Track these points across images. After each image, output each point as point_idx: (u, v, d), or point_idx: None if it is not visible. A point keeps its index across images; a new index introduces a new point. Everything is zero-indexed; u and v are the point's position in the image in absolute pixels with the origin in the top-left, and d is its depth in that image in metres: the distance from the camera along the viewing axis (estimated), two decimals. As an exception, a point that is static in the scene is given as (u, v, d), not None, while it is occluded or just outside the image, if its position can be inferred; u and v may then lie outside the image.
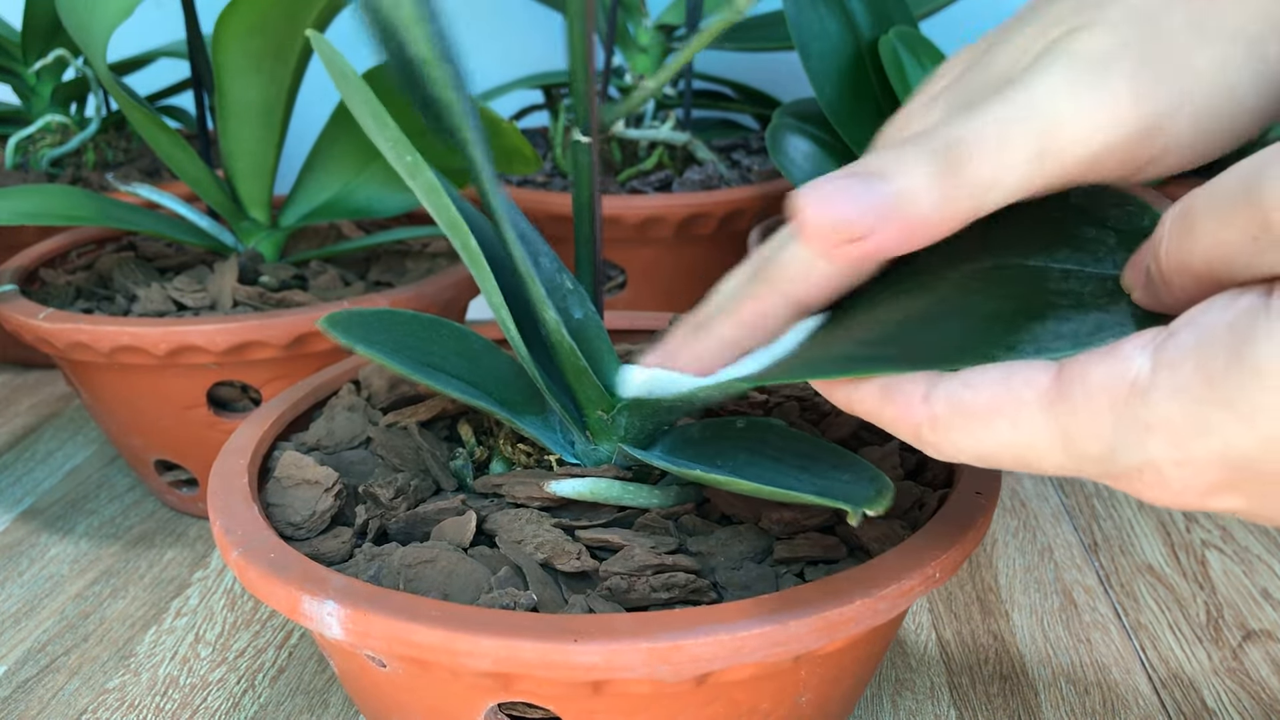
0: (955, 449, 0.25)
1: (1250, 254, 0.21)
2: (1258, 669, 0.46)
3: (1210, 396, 0.21)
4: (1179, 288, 0.24)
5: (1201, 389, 0.21)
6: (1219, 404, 0.21)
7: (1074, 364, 0.23)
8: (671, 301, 0.75)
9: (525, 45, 0.97)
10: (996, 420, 0.24)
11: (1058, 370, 0.24)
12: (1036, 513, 0.58)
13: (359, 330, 0.39)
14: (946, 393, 0.25)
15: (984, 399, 0.24)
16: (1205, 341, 0.21)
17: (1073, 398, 0.23)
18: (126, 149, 0.86)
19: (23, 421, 0.72)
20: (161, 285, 0.60)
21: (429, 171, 0.32)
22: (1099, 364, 0.23)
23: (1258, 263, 0.21)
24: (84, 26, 0.55)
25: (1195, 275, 0.23)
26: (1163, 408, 0.22)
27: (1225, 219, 0.22)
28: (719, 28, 0.36)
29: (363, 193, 0.64)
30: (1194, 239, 0.23)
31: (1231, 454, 0.21)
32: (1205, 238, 0.22)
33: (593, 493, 0.37)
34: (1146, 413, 0.22)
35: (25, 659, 0.49)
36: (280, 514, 0.39)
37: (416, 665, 0.32)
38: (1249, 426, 0.21)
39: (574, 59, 0.37)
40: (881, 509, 0.30)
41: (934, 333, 0.27)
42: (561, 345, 0.36)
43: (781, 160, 0.64)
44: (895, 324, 0.29)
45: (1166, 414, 0.22)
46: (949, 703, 0.45)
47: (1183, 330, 0.22)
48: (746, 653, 0.30)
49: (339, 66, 0.32)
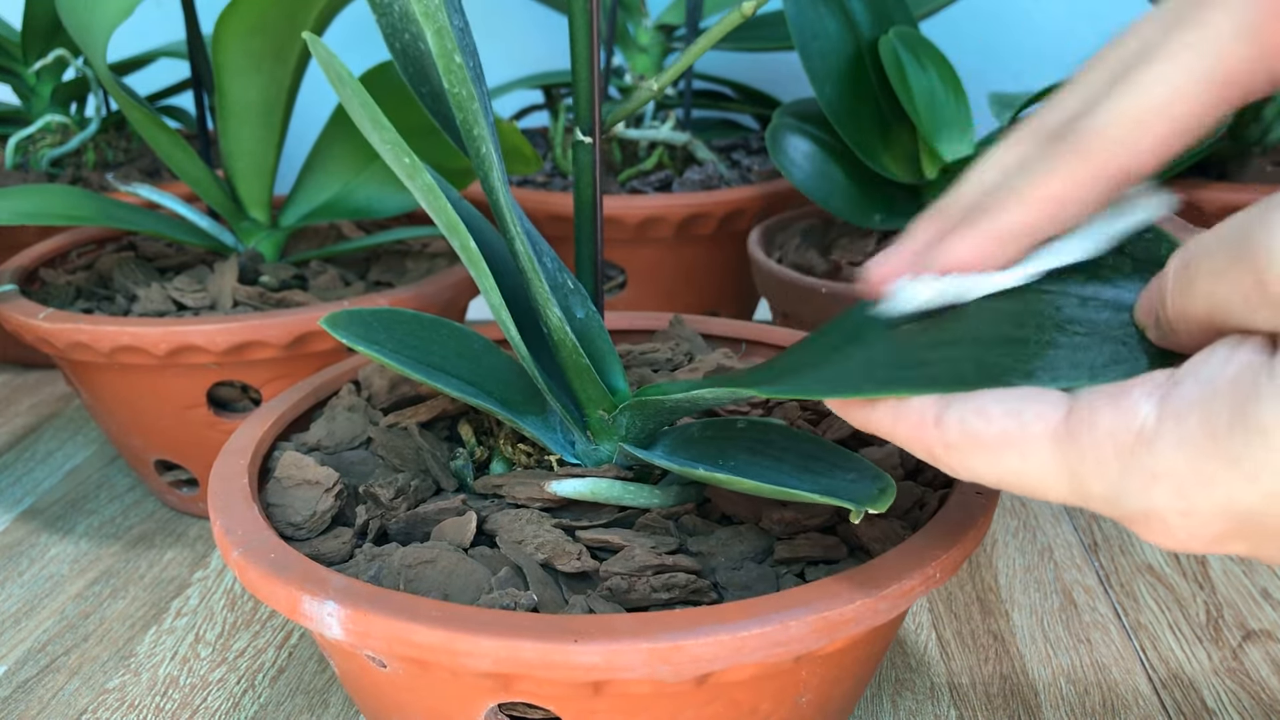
0: (968, 471, 0.26)
1: (1244, 311, 0.22)
2: (1258, 669, 0.46)
3: (1214, 451, 0.21)
4: (1185, 333, 0.24)
5: (1206, 443, 0.21)
6: (1223, 459, 0.21)
7: (1083, 406, 0.24)
8: (671, 301, 0.75)
9: (525, 45, 0.97)
10: (1007, 451, 0.24)
11: (1068, 409, 0.24)
12: (1036, 513, 0.58)
13: (360, 330, 0.39)
14: (959, 417, 0.25)
15: (995, 430, 0.25)
16: (1208, 396, 0.22)
17: (1080, 441, 0.23)
18: (126, 149, 0.86)
19: (23, 421, 0.72)
20: (161, 285, 0.60)
21: (427, 173, 0.32)
22: (1107, 409, 0.23)
23: (1252, 319, 0.22)
24: (84, 26, 0.55)
25: (1199, 323, 0.23)
26: (1167, 458, 0.22)
27: (1220, 276, 0.22)
28: (724, 29, 0.36)
29: (363, 193, 0.64)
30: (1193, 291, 0.23)
31: (1235, 507, 0.21)
32: (1203, 290, 0.23)
33: (593, 493, 0.37)
34: (1152, 462, 0.22)
35: (25, 659, 0.49)
36: (280, 514, 0.39)
37: (417, 665, 0.32)
38: (1252, 483, 0.21)
39: (576, 59, 0.37)
40: (883, 507, 0.30)
41: (950, 354, 0.27)
42: (564, 344, 0.36)
43: (781, 160, 0.64)
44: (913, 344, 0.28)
45: (1171, 465, 0.22)
46: (949, 703, 0.45)
47: (1187, 380, 0.22)
48: (747, 653, 0.30)
49: (336, 69, 0.32)
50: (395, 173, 0.34)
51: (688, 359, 0.48)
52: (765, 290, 0.64)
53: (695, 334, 0.50)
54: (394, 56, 0.39)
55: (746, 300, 0.79)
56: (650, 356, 0.48)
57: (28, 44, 0.80)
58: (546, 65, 0.96)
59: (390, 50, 0.39)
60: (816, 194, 0.64)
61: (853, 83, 0.64)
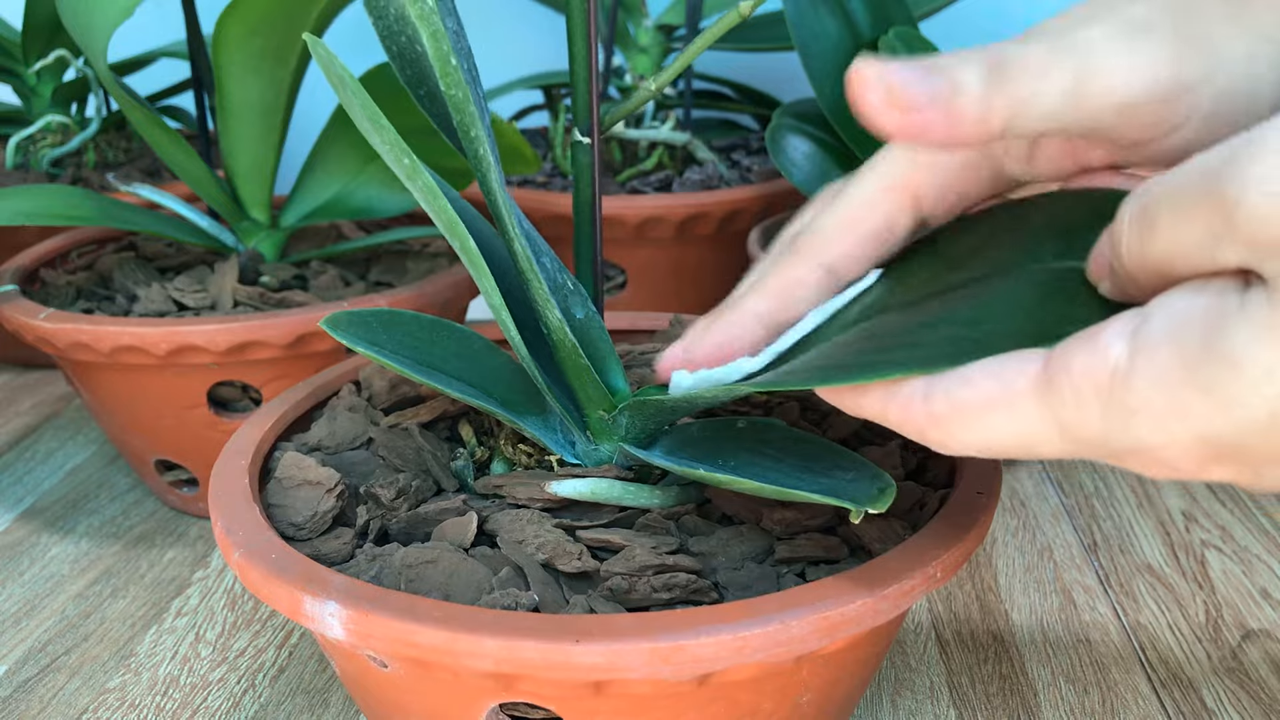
0: (960, 443, 0.26)
1: (1211, 249, 0.22)
2: (1257, 669, 0.46)
3: (1187, 381, 0.22)
4: (1144, 280, 0.24)
5: (1178, 375, 0.22)
6: (1196, 389, 0.22)
7: (1058, 354, 0.24)
8: (671, 302, 0.75)
9: (525, 45, 0.97)
10: (994, 413, 0.25)
11: (1045, 359, 0.24)
12: (1036, 513, 0.58)
13: (360, 331, 0.39)
14: (944, 390, 0.26)
15: (980, 394, 0.25)
16: (1178, 328, 0.22)
17: (1061, 388, 0.24)
18: (127, 149, 0.86)
19: (23, 421, 0.72)
20: (162, 285, 0.60)
21: (427, 173, 0.32)
22: (1080, 352, 0.23)
23: (1221, 257, 0.22)
24: (84, 27, 0.55)
25: (1158, 268, 0.24)
26: (1143, 393, 0.22)
27: (1184, 215, 0.22)
28: (722, 29, 0.36)
29: (363, 193, 0.64)
30: (1155, 234, 0.23)
31: (1212, 436, 0.22)
32: (1165, 233, 0.23)
33: (594, 493, 0.37)
34: (1129, 398, 0.23)
35: (26, 659, 0.49)
36: (281, 514, 0.39)
37: (418, 666, 0.32)
38: (1225, 411, 0.21)
39: (574, 59, 0.37)
40: (884, 507, 0.30)
41: (935, 334, 0.28)
42: (564, 344, 0.37)
43: (781, 160, 0.64)
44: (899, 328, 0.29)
45: (1147, 399, 0.22)
46: (949, 703, 0.45)
47: (1156, 316, 0.23)
48: (748, 653, 0.30)
49: (336, 70, 0.32)
50: (395, 173, 0.34)
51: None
52: (765, 290, 0.63)
53: (695, 334, 0.50)
54: (390, 59, 0.39)
55: (746, 300, 0.79)
56: (650, 357, 0.48)
57: (28, 44, 0.80)
58: (546, 65, 0.96)
59: (387, 53, 0.39)
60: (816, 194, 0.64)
61: (853, 83, 0.64)
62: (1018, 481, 0.62)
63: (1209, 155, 0.22)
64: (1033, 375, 0.24)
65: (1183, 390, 0.22)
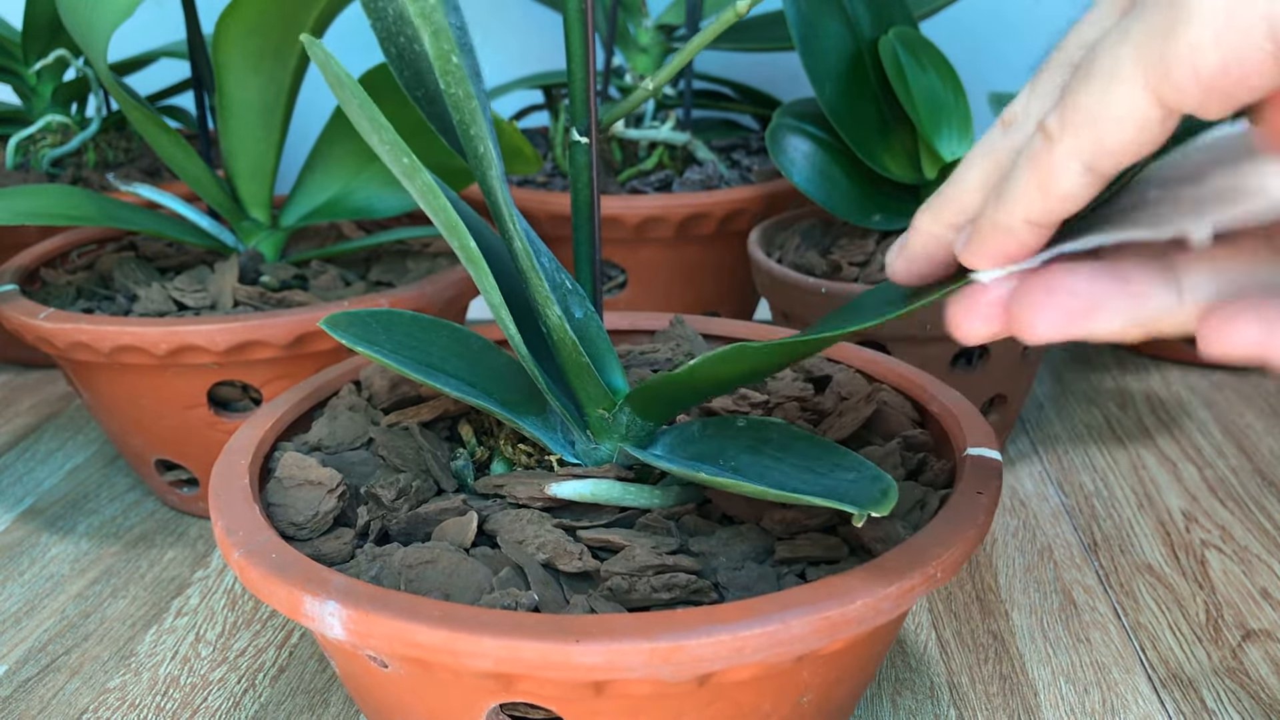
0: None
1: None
2: (1257, 669, 0.46)
3: None
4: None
5: None
6: None
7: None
8: (671, 301, 0.75)
9: (525, 45, 0.97)
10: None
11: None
12: (1036, 513, 0.58)
13: (359, 331, 0.39)
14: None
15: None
16: None
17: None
18: (127, 149, 0.86)
19: (23, 421, 0.72)
20: (162, 285, 0.60)
21: (426, 173, 0.32)
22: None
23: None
24: (84, 26, 0.55)
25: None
26: None
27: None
28: (719, 28, 0.36)
29: (363, 193, 0.64)
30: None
31: None
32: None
33: (594, 495, 0.37)
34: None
35: (26, 658, 0.49)
36: (282, 514, 0.39)
37: (418, 666, 0.32)
38: None
39: (572, 59, 0.37)
40: (886, 510, 0.30)
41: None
42: (564, 343, 0.36)
43: (781, 160, 0.64)
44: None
45: None
46: (949, 703, 0.45)
47: None
48: (748, 653, 0.30)
49: (334, 71, 0.32)
50: (394, 173, 0.34)
51: (688, 359, 0.48)
52: (765, 290, 0.64)
53: (696, 334, 0.50)
54: (389, 61, 0.39)
55: (746, 300, 0.79)
56: (650, 357, 0.48)
57: (28, 44, 0.80)
58: (546, 65, 0.96)
59: (385, 54, 0.39)
60: (816, 194, 0.64)
61: (853, 83, 0.64)
62: (1018, 481, 0.62)
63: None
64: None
65: None
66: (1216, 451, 0.64)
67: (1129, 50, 0.22)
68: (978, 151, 0.27)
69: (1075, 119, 0.23)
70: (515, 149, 0.57)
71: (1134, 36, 0.22)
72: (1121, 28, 0.22)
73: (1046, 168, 0.24)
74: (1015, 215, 0.25)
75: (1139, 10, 0.22)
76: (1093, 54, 0.23)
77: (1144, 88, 0.22)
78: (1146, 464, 0.63)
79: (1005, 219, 0.25)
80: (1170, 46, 0.21)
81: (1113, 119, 0.22)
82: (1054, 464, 0.63)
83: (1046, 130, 0.24)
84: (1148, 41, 0.21)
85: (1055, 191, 0.24)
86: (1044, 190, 0.24)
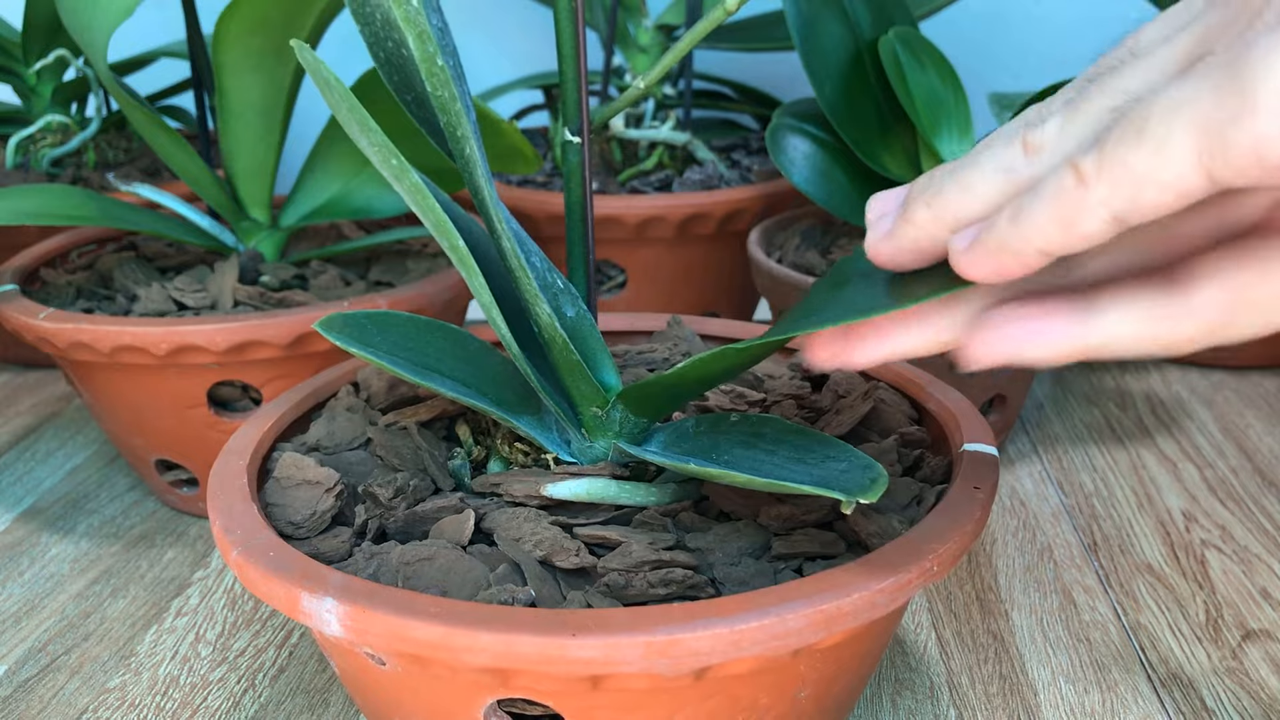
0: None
1: None
2: (1257, 669, 0.46)
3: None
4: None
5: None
6: None
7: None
8: (671, 301, 0.75)
9: (525, 45, 0.98)
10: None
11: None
12: (1036, 512, 0.58)
13: (355, 333, 0.39)
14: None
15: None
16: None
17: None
18: (127, 149, 0.86)
19: (23, 421, 0.72)
20: (162, 285, 0.60)
21: (414, 173, 0.33)
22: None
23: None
24: (84, 27, 0.55)
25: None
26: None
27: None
28: (708, 27, 0.36)
29: (363, 193, 0.64)
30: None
31: None
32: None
33: (589, 494, 0.37)
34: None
35: (26, 658, 0.49)
36: (280, 514, 0.39)
37: (415, 662, 0.32)
38: None
39: (563, 58, 0.38)
40: (874, 497, 0.30)
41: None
42: (555, 341, 0.37)
43: (781, 160, 0.64)
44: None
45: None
46: (949, 703, 0.45)
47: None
48: (745, 646, 0.30)
49: (322, 75, 0.32)
50: (383, 174, 0.34)
51: (685, 359, 0.48)
52: (765, 290, 0.64)
53: (693, 334, 0.50)
54: (378, 65, 0.39)
55: (746, 300, 0.79)
56: (647, 356, 0.48)
57: (28, 44, 0.80)
58: (546, 65, 0.96)
59: (374, 59, 0.39)
60: (816, 194, 0.64)
61: (853, 83, 0.64)
62: (1018, 481, 0.62)
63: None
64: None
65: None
66: (1216, 451, 0.64)
67: (1186, 125, 0.22)
68: (990, 163, 0.27)
69: (1116, 172, 0.23)
70: (515, 149, 0.57)
71: (1193, 114, 0.22)
72: (1176, 99, 0.22)
73: (1074, 207, 0.24)
74: (1031, 243, 0.25)
75: (1196, 82, 0.22)
76: (1144, 114, 0.23)
77: (1197, 164, 0.22)
78: (1146, 464, 0.63)
79: (1019, 244, 0.25)
80: (1233, 134, 0.21)
81: (1156, 183, 0.23)
82: (1054, 464, 0.63)
83: (1080, 172, 0.24)
84: (1208, 123, 0.22)
85: (1078, 231, 0.24)
86: (1066, 227, 0.24)
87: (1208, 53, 0.24)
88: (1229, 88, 0.22)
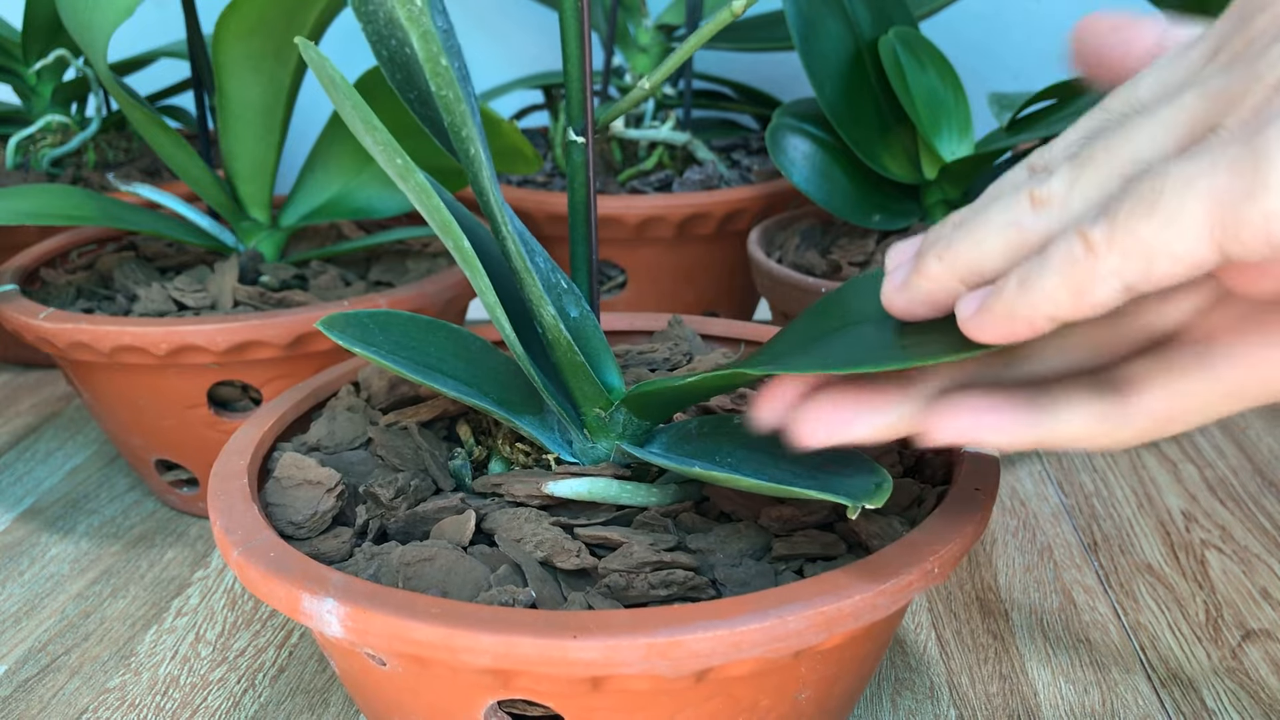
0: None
1: None
2: (1257, 669, 0.46)
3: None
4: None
5: None
6: None
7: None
8: (671, 301, 0.75)
9: (525, 45, 0.98)
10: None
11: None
12: (1036, 512, 0.58)
13: (356, 332, 0.39)
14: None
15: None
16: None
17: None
18: (127, 149, 0.86)
19: (23, 421, 0.72)
20: (162, 285, 0.60)
21: (420, 173, 0.33)
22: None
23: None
24: (84, 26, 0.55)
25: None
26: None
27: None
28: (715, 27, 0.36)
29: (363, 193, 0.64)
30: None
31: None
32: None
33: (591, 493, 0.37)
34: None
35: (26, 658, 0.49)
36: (281, 514, 0.39)
37: (416, 663, 0.32)
38: None
39: (568, 59, 0.37)
40: (879, 503, 0.30)
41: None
42: (559, 342, 0.37)
43: (781, 160, 0.64)
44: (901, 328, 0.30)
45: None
46: (949, 703, 0.45)
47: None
48: (745, 648, 0.30)
49: (327, 73, 0.32)
50: (388, 174, 0.34)
51: (686, 359, 0.48)
52: (765, 290, 0.64)
53: (694, 334, 0.50)
54: (381, 64, 0.39)
55: (746, 300, 0.79)
56: (648, 356, 0.48)
57: (28, 44, 0.80)
58: (547, 65, 0.96)
59: (377, 57, 0.39)
60: (816, 194, 0.64)
61: (853, 83, 0.64)
62: (1018, 481, 0.62)
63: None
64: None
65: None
66: (1216, 451, 0.64)
67: (1198, 200, 0.22)
68: (999, 217, 0.27)
69: (1127, 243, 0.23)
70: (515, 149, 0.57)
71: (1206, 190, 0.22)
72: (1190, 173, 0.23)
73: (1085, 277, 0.24)
74: (1040, 310, 0.25)
75: (1212, 158, 0.23)
76: (1157, 187, 0.23)
77: (1209, 239, 0.23)
78: (1146, 464, 0.63)
79: (1028, 311, 0.26)
80: (1245, 212, 0.22)
81: (1168, 255, 0.23)
82: (1054, 464, 0.63)
83: (1090, 242, 0.24)
84: (1223, 199, 0.22)
85: (1088, 300, 0.25)
86: (1077, 296, 0.25)
87: (1218, 124, 0.24)
88: (1243, 167, 0.22)
